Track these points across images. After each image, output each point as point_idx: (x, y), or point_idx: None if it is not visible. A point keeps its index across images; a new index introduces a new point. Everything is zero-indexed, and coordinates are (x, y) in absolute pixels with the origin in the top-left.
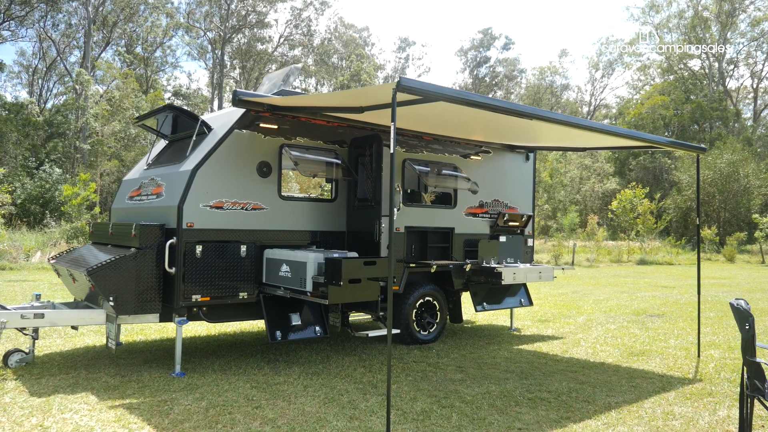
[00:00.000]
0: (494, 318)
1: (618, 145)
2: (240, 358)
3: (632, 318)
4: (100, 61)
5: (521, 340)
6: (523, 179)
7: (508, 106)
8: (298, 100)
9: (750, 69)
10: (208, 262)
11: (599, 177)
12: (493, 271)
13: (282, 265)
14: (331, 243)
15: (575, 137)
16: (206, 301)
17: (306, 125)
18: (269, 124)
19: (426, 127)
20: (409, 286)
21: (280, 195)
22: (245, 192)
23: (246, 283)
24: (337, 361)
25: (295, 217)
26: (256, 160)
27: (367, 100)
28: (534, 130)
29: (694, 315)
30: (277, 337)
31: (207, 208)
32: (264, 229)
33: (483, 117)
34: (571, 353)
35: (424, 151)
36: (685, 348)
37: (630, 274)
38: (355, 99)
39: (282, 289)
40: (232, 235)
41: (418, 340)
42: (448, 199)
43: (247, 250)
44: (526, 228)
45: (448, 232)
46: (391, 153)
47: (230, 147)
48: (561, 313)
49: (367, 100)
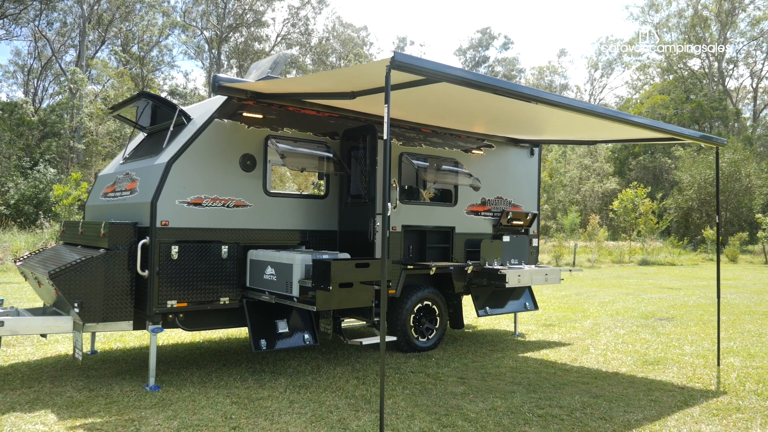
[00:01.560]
0: (497, 323)
1: (632, 137)
2: (222, 369)
3: (641, 322)
4: (96, 60)
5: (526, 347)
6: (527, 175)
7: (518, 89)
8: (282, 84)
9: (750, 68)
10: (185, 264)
11: (599, 177)
12: (497, 273)
13: (267, 268)
14: (322, 243)
15: (586, 128)
16: (183, 308)
17: (294, 115)
18: (254, 114)
19: (424, 117)
20: (406, 289)
21: (266, 191)
22: (227, 187)
23: (228, 287)
24: (327, 372)
25: (282, 215)
26: (239, 153)
27: (359, 83)
28: (541, 120)
29: (705, 318)
30: (261, 346)
31: (184, 204)
32: (248, 228)
33: (486, 105)
34: (580, 361)
35: (422, 145)
36: (702, 355)
37: (633, 275)
38: (346, 82)
39: (267, 294)
40: (212, 235)
41: (417, 348)
42: (448, 196)
43: (229, 251)
44: (531, 227)
45: (448, 231)
46: (384, 139)
47: (210, 138)
48: (566, 316)
49: (358, 84)
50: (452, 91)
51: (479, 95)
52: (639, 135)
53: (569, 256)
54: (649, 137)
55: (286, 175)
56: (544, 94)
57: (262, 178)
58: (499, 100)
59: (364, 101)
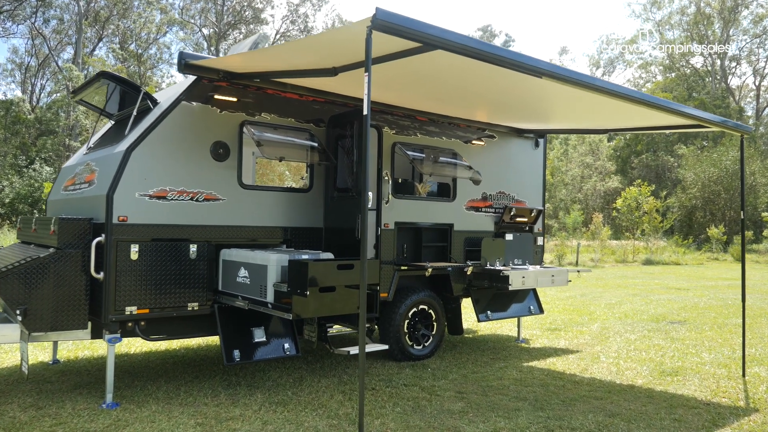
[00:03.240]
0: (498, 327)
1: (651, 124)
2: (193, 382)
3: (652, 326)
4: (93, 57)
5: (531, 355)
6: (532, 168)
7: (524, 60)
8: (255, 58)
9: (752, 66)
10: (146, 265)
11: (601, 175)
12: (499, 274)
13: (240, 269)
14: (305, 242)
15: (598, 113)
16: (144, 314)
17: (274, 99)
18: (227, 96)
19: (419, 101)
20: (400, 292)
21: (241, 183)
22: (196, 179)
23: (197, 290)
24: (310, 385)
25: (260, 211)
26: (210, 140)
27: (340, 55)
28: (549, 103)
29: (720, 322)
30: (234, 357)
31: (145, 198)
32: (220, 225)
33: (488, 86)
34: (591, 372)
35: (417, 134)
36: (724, 364)
37: (638, 274)
38: (325, 54)
39: (240, 299)
40: (179, 232)
41: (411, 356)
42: (446, 190)
43: (198, 251)
44: (536, 224)
45: (446, 228)
46: (364, 114)
47: (176, 123)
48: (572, 320)
49: (339, 56)
50: (449, 66)
51: (480, 72)
52: (659, 121)
53: (572, 256)
54: (670, 124)
55: (274, 167)
56: (554, 68)
57: (236, 169)
58: (503, 77)
59: (351, 82)
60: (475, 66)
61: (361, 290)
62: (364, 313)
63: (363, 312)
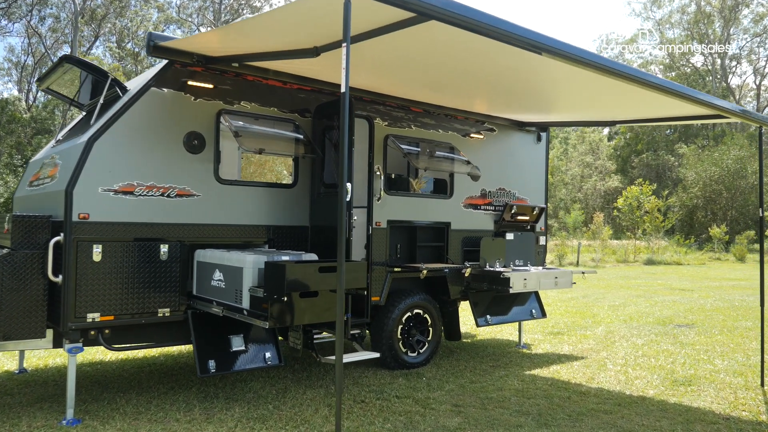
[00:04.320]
0: (498, 331)
1: (661, 115)
2: (167, 393)
3: (659, 329)
4: (90, 56)
5: (533, 362)
6: (534, 164)
7: (530, 35)
8: (228, 35)
9: (753, 66)
10: (111, 267)
11: (601, 175)
12: (499, 276)
13: (215, 272)
14: (290, 241)
15: (606, 101)
16: (109, 322)
17: (254, 87)
18: (202, 83)
19: (412, 89)
20: (393, 296)
21: (218, 177)
22: (167, 172)
23: (168, 295)
24: (294, 398)
25: (240, 208)
26: (184, 130)
27: (322, 33)
28: (551, 91)
29: (729, 325)
30: (209, 368)
31: (110, 193)
32: (195, 223)
33: (488, 71)
34: (598, 381)
35: (412, 126)
36: (740, 372)
37: (640, 275)
38: (305, 32)
39: (215, 305)
40: (148, 231)
41: (405, 364)
42: (442, 186)
43: (170, 251)
44: (538, 223)
45: (443, 227)
46: (342, 92)
47: (144, 111)
48: (575, 323)
49: (321, 34)
50: (445, 45)
51: (479, 53)
52: (672, 111)
53: (572, 256)
54: (684, 114)
55: (266, 162)
56: (564, 45)
57: (213, 162)
58: (502, 57)
59: (339, 67)
60: (473, 45)
61: (338, 295)
62: (341, 323)
63: (340, 322)
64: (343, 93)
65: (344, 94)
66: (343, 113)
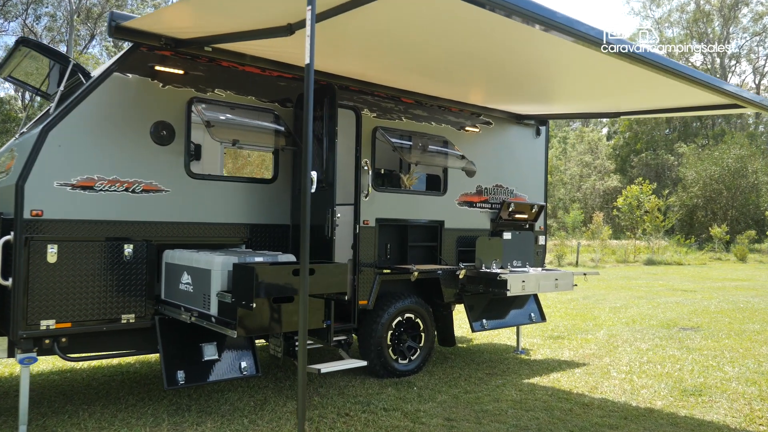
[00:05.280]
0: (495, 335)
1: (672, 104)
2: (136, 405)
3: (663, 333)
4: (86, 54)
5: (532, 369)
6: (532, 159)
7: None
8: (188, 7)
9: (752, 65)
10: (68, 269)
11: (600, 174)
12: (496, 278)
13: (183, 274)
14: (269, 241)
15: (608, 89)
16: (65, 329)
17: (230, 73)
18: (172, 68)
19: (402, 76)
20: (382, 299)
21: (190, 172)
22: (132, 166)
23: (133, 300)
24: (273, 410)
25: (214, 205)
26: (151, 120)
27: (296, 7)
28: (554, 79)
29: (736, 328)
30: (178, 380)
31: (67, 188)
32: (163, 221)
33: (485, 56)
34: (602, 390)
35: (402, 118)
36: (752, 381)
37: (640, 275)
38: (274, 8)
39: (183, 311)
40: (111, 230)
41: (396, 372)
42: (435, 182)
43: (135, 252)
44: (537, 222)
45: (436, 226)
46: (306, 64)
47: (106, 98)
48: (575, 326)
49: (295, 8)
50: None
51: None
52: (683, 100)
53: (572, 256)
54: (697, 104)
55: (255, 157)
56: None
57: (183, 155)
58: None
59: (323, 51)
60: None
61: (301, 302)
62: (304, 334)
63: (303, 333)
64: (308, 65)
65: (308, 66)
66: (307, 87)
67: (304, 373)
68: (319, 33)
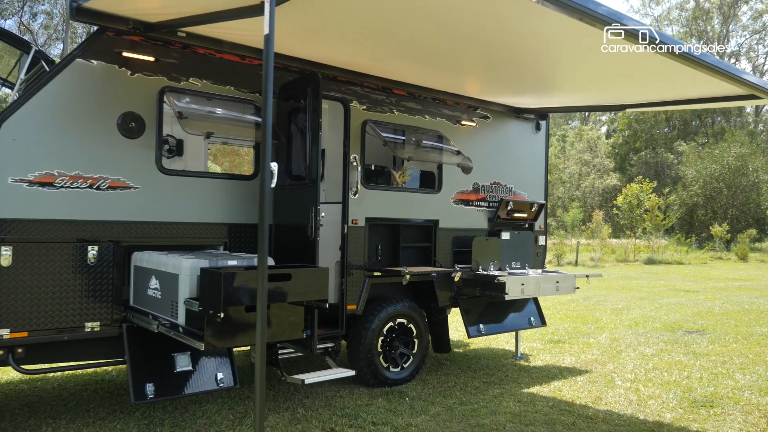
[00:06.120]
0: (493, 339)
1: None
2: (105, 419)
3: (668, 336)
4: None
5: (532, 377)
6: (532, 155)
7: None
8: None
9: (752, 63)
10: (25, 274)
11: (599, 173)
12: (493, 281)
13: (151, 279)
14: (249, 242)
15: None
16: (21, 339)
17: (207, 61)
18: (141, 55)
19: (392, 64)
20: (372, 304)
21: (161, 167)
22: (97, 160)
23: (98, 306)
24: (254, 425)
25: (188, 203)
26: (119, 111)
27: None
28: (556, 67)
29: (743, 331)
30: (147, 394)
31: (23, 185)
32: (132, 221)
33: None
34: (606, 401)
35: (394, 111)
36: (766, 390)
37: (641, 275)
38: None
39: (151, 318)
40: (73, 230)
41: (387, 381)
42: (429, 179)
43: (101, 254)
44: (537, 221)
45: (430, 226)
46: (265, 35)
47: (68, 86)
48: (576, 329)
49: None
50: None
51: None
52: (696, 90)
53: (571, 255)
54: (711, 95)
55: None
56: None
57: (154, 149)
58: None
59: (306, 37)
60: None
61: (258, 312)
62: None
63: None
64: (267, 35)
65: (268, 36)
66: (267, 60)
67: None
68: (299, 14)
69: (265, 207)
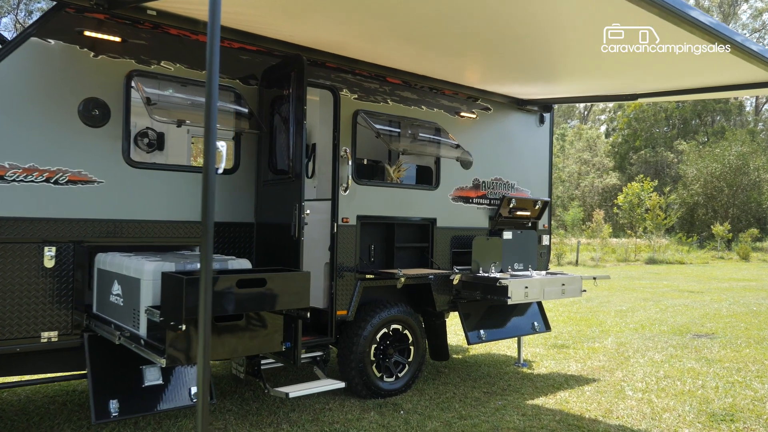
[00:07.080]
0: (494, 344)
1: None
2: None
3: (676, 340)
4: None
5: (536, 386)
6: (536, 150)
7: None
8: None
9: None
10: None
11: (599, 172)
12: (495, 284)
13: (113, 283)
14: (230, 243)
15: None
16: None
17: (180, 43)
18: (106, 35)
19: (386, 46)
20: (365, 308)
21: (128, 159)
22: (55, 151)
23: (56, 313)
24: None
25: (160, 199)
26: (80, 96)
27: None
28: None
29: (755, 335)
30: (110, 411)
31: None
32: (95, 219)
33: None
34: (618, 415)
35: (388, 101)
36: None
37: (643, 275)
38: None
39: (114, 328)
40: (26, 229)
41: (380, 392)
42: (426, 175)
43: (59, 256)
44: (541, 219)
45: (427, 225)
46: None
47: (20, 68)
48: (581, 332)
49: None
50: None
51: None
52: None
53: (571, 255)
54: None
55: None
56: None
57: (121, 139)
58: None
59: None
60: None
61: (200, 323)
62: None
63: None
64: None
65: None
66: (212, 26)
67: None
68: None
69: (210, 199)
